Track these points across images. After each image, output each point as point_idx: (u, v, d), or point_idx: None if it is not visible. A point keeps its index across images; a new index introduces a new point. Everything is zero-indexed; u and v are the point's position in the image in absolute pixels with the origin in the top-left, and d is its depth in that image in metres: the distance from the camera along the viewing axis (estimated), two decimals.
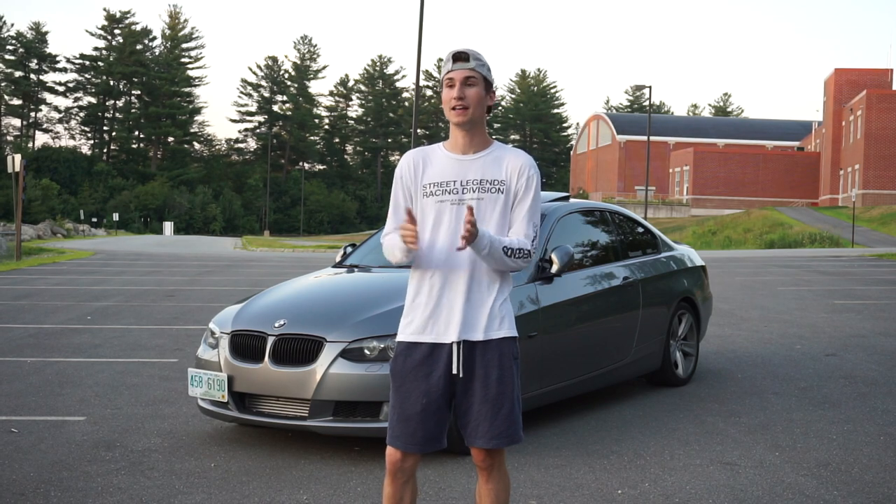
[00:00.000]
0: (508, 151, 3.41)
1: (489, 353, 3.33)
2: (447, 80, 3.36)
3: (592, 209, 7.45)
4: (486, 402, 3.32)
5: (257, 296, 6.38)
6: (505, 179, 3.35)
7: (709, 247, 45.32)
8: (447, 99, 3.34)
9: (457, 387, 3.35)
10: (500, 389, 3.32)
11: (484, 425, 3.33)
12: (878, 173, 62.88)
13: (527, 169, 3.37)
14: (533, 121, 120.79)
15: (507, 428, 3.34)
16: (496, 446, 3.35)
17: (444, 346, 3.33)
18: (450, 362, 3.32)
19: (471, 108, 3.33)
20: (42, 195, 77.64)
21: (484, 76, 3.35)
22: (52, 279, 19.62)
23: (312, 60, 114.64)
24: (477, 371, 3.33)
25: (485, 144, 3.41)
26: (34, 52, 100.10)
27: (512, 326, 3.38)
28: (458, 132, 3.38)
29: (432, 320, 3.34)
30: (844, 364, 8.74)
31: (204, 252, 35.89)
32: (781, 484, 5.02)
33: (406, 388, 3.36)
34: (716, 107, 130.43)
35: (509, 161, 3.38)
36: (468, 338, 3.32)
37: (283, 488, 4.94)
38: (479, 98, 3.34)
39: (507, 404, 3.33)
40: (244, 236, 72.10)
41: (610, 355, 6.88)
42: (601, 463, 5.42)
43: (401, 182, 3.43)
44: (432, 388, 3.33)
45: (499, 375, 3.33)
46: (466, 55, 3.34)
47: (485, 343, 3.33)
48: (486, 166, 3.37)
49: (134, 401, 7.07)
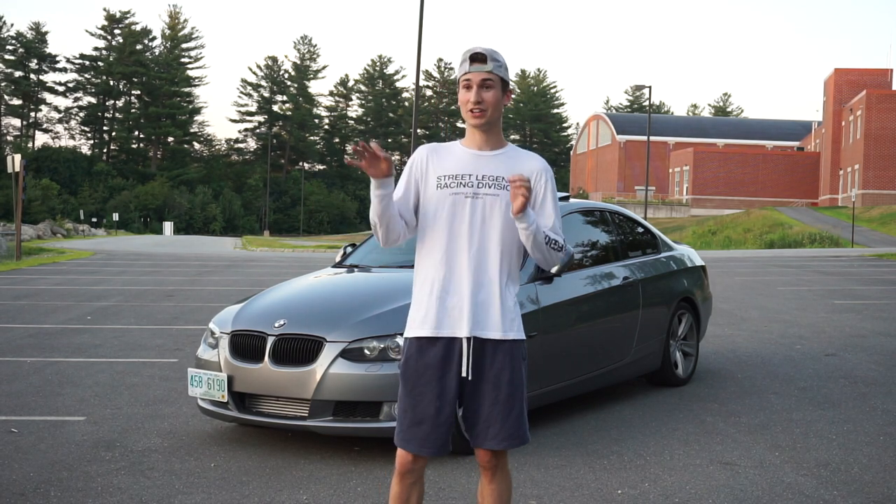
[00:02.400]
0: (525, 154, 3.44)
1: (500, 354, 3.32)
2: (464, 81, 3.33)
3: (592, 209, 7.45)
4: (498, 403, 3.32)
5: (257, 296, 6.38)
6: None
7: (709, 247, 45.31)
8: (464, 101, 3.33)
9: (465, 388, 3.34)
10: (511, 391, 3.33)
11: (495, 427, 3.32)
12: (877, 173, 62.88)
13: (545, 172, 3.40)
14: (533, 121, 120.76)
15: (517, 429, 3.35)
16: (507, 447, 3.36)
17: (457, 343, 3.30)
18: (461, 363, 3.30)
19: (488, 111, 3.32)
20: (42, 195, 77.63)
21: (501, 77, 3.33)
22: (52, 279, 19.62)
23: (312, 60, 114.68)
24: (487, 372, 3.32)
25: (501, 143, 3.42)
26: (34, 52, 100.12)
27: (521, 328, 3.39)
28: (475, 132, 3.38)
29: (446, 314, 3.31)
30: (844, 364, 8.74)
31: (204, 252, 35.89)
32: (781, 484, 5.03)
33: (419, 391, 3.32)
34: (716, 107, 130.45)
35: (527, 163, 3.39)
36: (479, 334, 3.31)
37: (283, 488, 4.94)
38: (496, 101, 3.33)
39: (517, 406, 3.34)
40: (244, 236, 72.13)
41: (610, 355, 6.88)
42: (601, 463, 5.42)
43: (409, 171, 3.42)
44: (445, 389, 3.31)
45: (510, 378, 3.32)
46: (484, 56, 3.30)
47: (496, 343, 3.32)
48: (502, 164, 3.36)
49: (134, 401, 7.07)
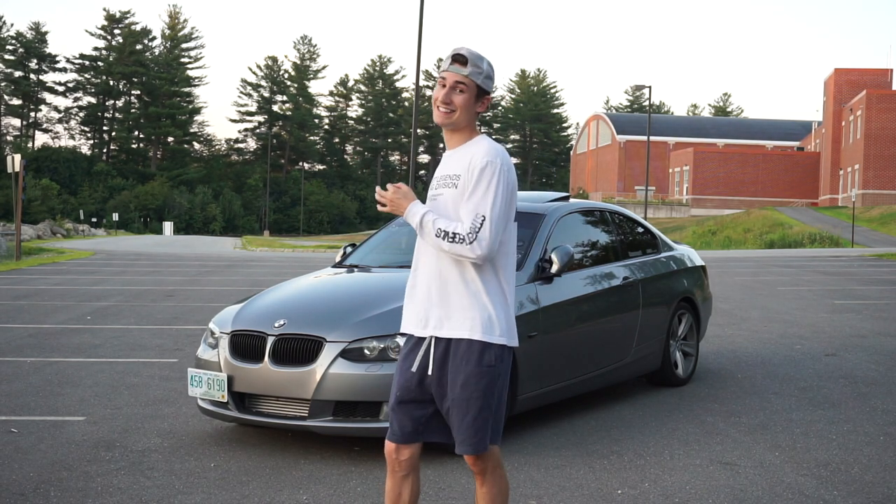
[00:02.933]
0: (476, 145, 3.35)
1: (458, 355, 3.31)
2: (440, 79, 3.37)
3: (592, 209, 7.45)
4: (453, 406, 3.31)
5: (257, 296, 6.38)
6: (460, 174, 3.33)
7: (709, 247, 45.31)
8: (435, 97, 3.36)
9: (432, 387, 3.37)
10: (465, 395, 3.28)
11: (454, 430, 3.34)
12: (877, 173, 62.88)
13: (479, 159, 3.28)
14: (533, 121, 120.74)
15: (472, 436, 3.28)
16: (462, 453, 3.34)
17: (422, 341, 3.39)
18: (425, 359, 3.36)
19: (456, 113, 3.32)
20: (42, 195, 77.60)
21: (478, 84, 3.32)
22: (52, 279, 19.61)
23: (312, 60, 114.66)
24: (447, 374, 3.33)
25: (463, 141, 3.39)
26: (34, 52, 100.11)
27: (486, 331, 3.29)
28: (445, 131, 3.42)
29: (412, 313, 3.43)
30: (844, 364, 8.74)
31: (204, 252, 35.88)
32: (781, 484, 5.02)
33: (394, 383, 3.46)
34: (716, 107, 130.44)
35: (471, 154, 3.33)
36: (439, 334, 3.34)
37: (283, 488, 4.94)
38: (465, 105, 3.32)
39: (472, 411, 3.27)
40: (244, 236, 72.09)
41: (610, 355, 6.88)
42: (601, 463, 5.42)
43: None
44: (406, 383, 3.39)
45: (464, 381, 3.28)
46: (465, 59, 3.31)
47: (457, 343, 3.32)
48: (454, 162, 3.38)
49: (134, 401, 7.07)
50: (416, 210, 3.30)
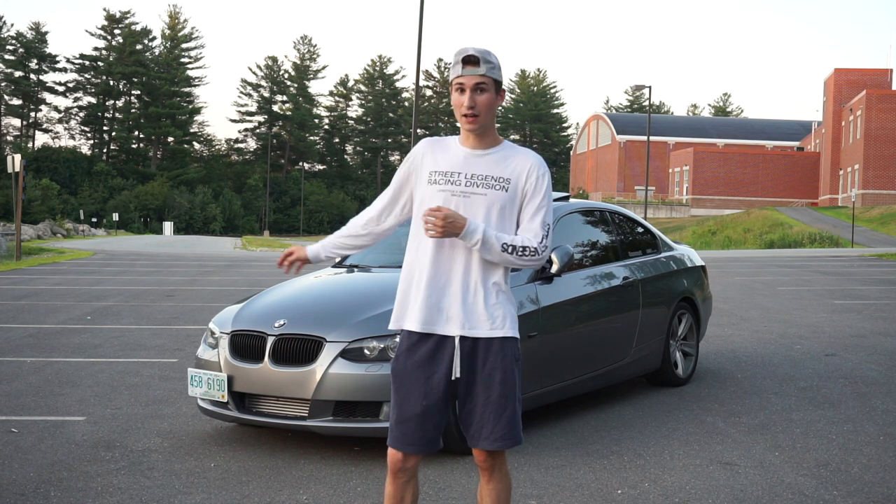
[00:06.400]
0: (518, 151, 3.40)
1: (492, 353, 3.32)
2: (457, 85, 3.31)
3: (592, 209, 7.45)
4: (490, 404, 3.32)
5: (257, 296, 6.38)
6: (511, 178, 3.33)
7: (709, 247, 45.31)
8: (458, 104, 3.31)
9: (458, 388, 3.34)
10: (503, 392, 3.32)
11: (487, 427, 3.33)
12: (877, 173, 62.90)
13: (535, 169, 3.36)
14: (533, 121, 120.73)
15: (510, 430, 3.34)
16: (499, 448, 3.36)
17: (448, 342, 3.32)
18: (451, 363, 3.31)
19: (481, 115, 3.31)
20: (42, 195, 77.54)
21: (494, 79, 3.31)
22: (52, 279, 19.62)
23: (312, 60, 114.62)
24: (479, 372, 3.32)
25: (495, 142, 3.40)
26: (34, 52, 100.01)
27: (514, 326, 3.37)
28: (469, 133, 3.38)
29: (435, 313, 3.33)
30: (844, 364, 8.74)
31: (204, 252, 35.89)
32: (781, 484, 5.02)
33: (406, 389, 3.35)
34: (716, 107, 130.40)
35: (518, 161, 3.37)
36: (469, 334, 3.31)
37: (283, 488, 4.94)
38: (489, 104, 3.31)
39: (510, 407, 3.34)
40: (244, 236, 72.11)
41: (610, 355, 6.88)
42: (601, 463, 5.42)
43: (409, 164, 3.46)
44: (432, 390, 3.32)
45: (502, 378, 3.32)
46: (477, 59, 3.27)
47: (487, 342, 3.32)
48: (493, 163, 3.35)
49: (134, 401, 7.07)
50: (475, 227, 3.25)
